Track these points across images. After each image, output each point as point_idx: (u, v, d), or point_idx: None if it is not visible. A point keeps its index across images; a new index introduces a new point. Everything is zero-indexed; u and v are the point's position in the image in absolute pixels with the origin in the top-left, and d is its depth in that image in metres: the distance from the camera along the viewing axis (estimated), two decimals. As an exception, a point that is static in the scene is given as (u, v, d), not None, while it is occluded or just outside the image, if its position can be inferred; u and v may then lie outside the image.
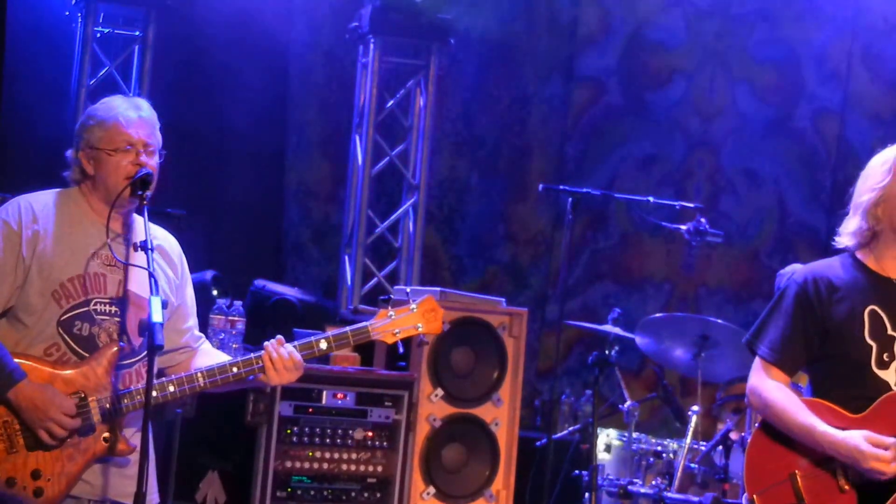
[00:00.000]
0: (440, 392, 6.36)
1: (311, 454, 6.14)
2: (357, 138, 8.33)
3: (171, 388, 4.22)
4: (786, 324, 4.39)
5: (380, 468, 6.26)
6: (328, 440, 6.18)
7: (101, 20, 7.87)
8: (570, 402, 8.58)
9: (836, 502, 4.28)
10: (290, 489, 6.11)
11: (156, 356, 4.02)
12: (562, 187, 7.16)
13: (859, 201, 4.40)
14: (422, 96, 8.35)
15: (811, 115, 9.48)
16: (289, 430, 6.10)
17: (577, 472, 7.26)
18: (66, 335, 4.16)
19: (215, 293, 6.94)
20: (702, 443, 7.17)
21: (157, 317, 3.97)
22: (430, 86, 8.31)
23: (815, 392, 4.42)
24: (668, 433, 8.03)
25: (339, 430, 6.20)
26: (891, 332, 4.34)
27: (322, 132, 9.02)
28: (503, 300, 6.68)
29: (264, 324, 7.07)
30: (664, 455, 7.26)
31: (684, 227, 7.14)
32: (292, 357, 4.28)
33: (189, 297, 4.49)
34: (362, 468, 6.24)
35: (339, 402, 6.20)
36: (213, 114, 8.31)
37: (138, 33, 7.94)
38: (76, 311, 4.18)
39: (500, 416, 6.48)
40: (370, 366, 6.49)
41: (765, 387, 4.38)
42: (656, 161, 9.51)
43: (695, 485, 7.11)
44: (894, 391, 4.29)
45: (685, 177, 9.48)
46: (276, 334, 4.36)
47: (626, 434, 7.34)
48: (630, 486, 7.09)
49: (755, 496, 4.33)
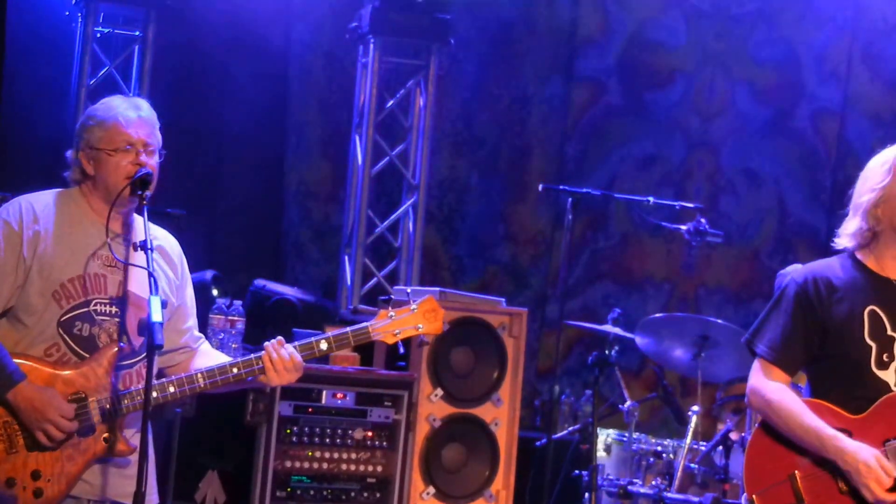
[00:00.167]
0: (440, 392, 6.36)
1: (310, 454, 6.14)
2: (357, 138, 8.33)
3: (171, 389, 4.22)
4: (786, 323, 4.38)
5: (379, 468, 6.26)
6: (328, 440, 6.17)
7: (101, 20, 7.87)
8: (569, 402, 8.58)
9: (835, 503, 4.28)
10: (289, 489, 6.11)
11: (155, 356, 4.02)
12: (562, 187, 7.16)
13: (859, 202, 4.39)
14: (422, 96, 8.35)
15: (811, 116, 9.48)
16: (288, 430, 6.10)
17: (576, 472, 7.26)
18: (66, 336, 4.16)
19: (215, 293, 6.94)
20: (702, 443, 7.16)
21: (157, 316, 3.97)
22: (430, 86, 8.31)
23: (813, 392, 4.42)
24: (668, 433, 8.03)
25: (339, 430, 6.19)
26: (890, 332, 4.33)
27: (322, 132, 9.01)
28: (503, 300, 6.68)
29: (264, 324, 7.07)
30: (664, 455, 7.26)
31: (684, 228, 7.14)
32: (293, 358, 4.27)
33: (189, 297, 4.49)
34: (362, 468, 6.23)
35: (339, 401, 6.20)
36: (213, 114, 8.31)
37: (138, 33, 7.94)
38: (76, 312, 4.18)
39: (500, 416, 6.48)
40: (370, 366, 6.48)
41: (766, 388, 4.37)
42: (656, 161, 9.50)
43: (695, 485, 7.11)
44: (894, 392, 4.29)
45: (685, 177, 9.48)
46: (276, 334, 4.36)
47: (626, 434, 7.34)
48: (630, 487, 7.09)
49: (755, 496, 4.33)
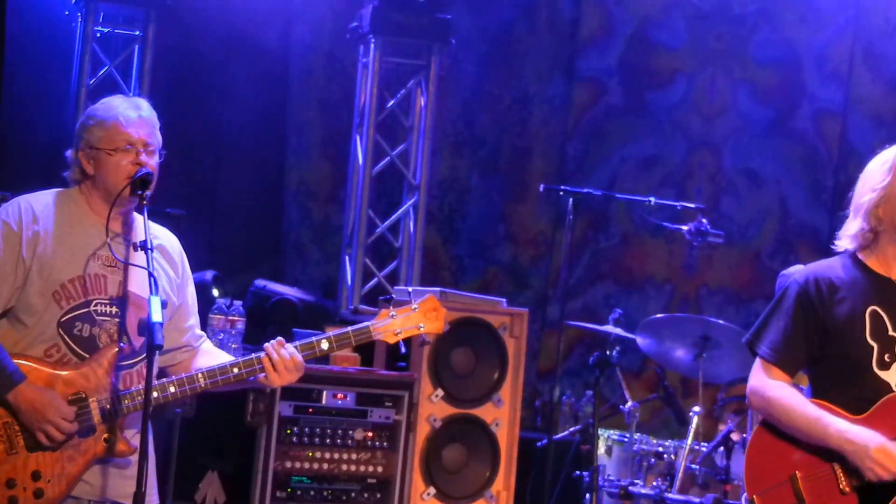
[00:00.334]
0: (440, 392, 6.36)
1: (310, 454, 6.13)
2: (357, 138, 8.33)
3: (172, 389, 4.21)
4: (787, 324, 4.38)
5: (380, 469, 6.25)
6: (328, 440, 6.17)
7: (101, 20, 7.87)
8: (570, 403, 8.57)
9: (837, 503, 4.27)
10: (289, 489, 6.10)
11: (156, 356, 4.01)
12: (563, 188, 7.16)
13: (860, 202, 4.39)
14: (422, 96, 8.34)
15: (812, 116, 9.47)
16: (289, 431, 6.09)
17: (577, 472, 7.25)
18: (66, 336, 4.16)
19: (216, 293, 6.93)
20: (703, 444, 7.15)
21: (157, 317, 3.96)
22: (431, 86, 8.30)
23: (814, 393, 4.41)
24: (669, 434, 8.02)
25: (340, 431, 6.19)
26: (892, 332, 4.33)
27: (322, 132, 9.01)
28: (504, 300, 6.67)
29: (265, 324, 7.07)
30: (665, 456, 7.25)
31: (685, 228, 7.13)
32: (293, 358, 4.27)
33: (190, 295, 4.48)
34: (362, 468, 6.23)
35: (340, 402, 6.19)
36: (213, 113, 8.30)
37: (138, 33, 7.93)
38: (76, 312, 4.17)
39: (501, 416, 6.47)
40: (370, 366, 6.48)
41: (767, 385, 4.37)
42: (657, 161, 9.49)
43: (696, 486, 7.10)
44: (895, 392, 4.29)
45: (686, 177, 9.47)
46: (277, 334, 4.36)
47: (627, 435, 7.33)
48: (631, 487, 7.08)
49: (755, 496, 4.33)
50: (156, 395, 4.15)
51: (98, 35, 7.84)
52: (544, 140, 9.49)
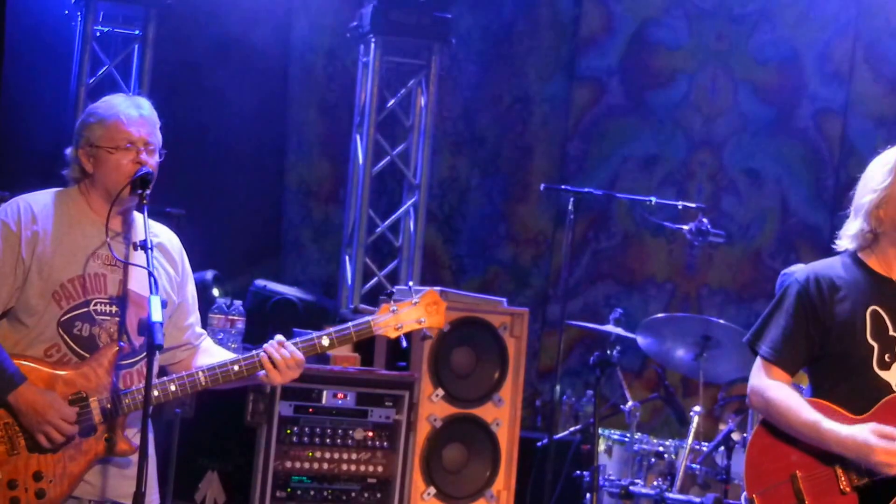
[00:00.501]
0: (441, 392, 6.35)
1: (311, 454, 6.13)
2: (358, 138, 8.32)
3: (173, 388, 4.21)
4: (787, 323, 4.37)
5: (380, 468, 6.25)
6: (328, 440, 6.16)
7: (101, 19, 7.86)
8: (571, 403, 8.56)
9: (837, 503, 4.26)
10: (289, 489, 6.10)
11: (155, 355, 4.01)
12: (563, 187, 7.16)
13: (860, 203, 4.38)
14: (423, 96, 8.34)
15: (813, 115, 9.46)
16: (289, 430, 6.09)
17: (578, 472, 7.24)
18: (66, 336, 4.15)
19: (216, 293, 6.93)
20: (703, 443, 7.15)
21: (157, 316, 3.95)
22: (431, 85, 8.30)
23: (815, 392, 4.41)
24: (669, 434, 8.02)
25: (340, 431, 6.18)
26: (892, 332, 4.32)
27: (323, 131, 9.00)
28: (504, 300, 6.67)
29: (265, 324, 7.06)
30: (666, 456, 7.25)
31: (686, 227, 7.13)
32: (294, 356, 4.26)
33: (190, 293, 4.47)
34: (362, 468, 6.22)
35: (340, 402, 6.19)
36: (213, 113, 8.29)
37: (138, 32, 7.92)
38: (76, 312, 4.16)
39: (501, 416, 6.47)
40: (371, 366, 6.47)
41: (766, 386, 4.36)
42: (658, 161, 9.49)
43: (696, 485, 7.10)
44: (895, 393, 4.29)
45: (687, 177, 9.47)
46: (277, 334, 4.34)
47: (628, 434, 7.33)
48: (631, 487, 7.07)
49: (755, 496, 4.32)
50: (156, 393, 4.15)
51: (97, 34, 7.83)
52: (545, 139, 9.48)
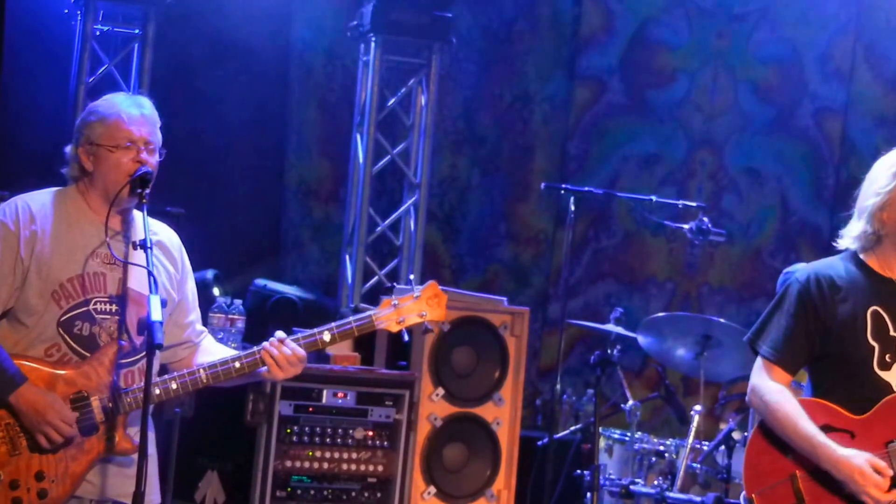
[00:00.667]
0: (441, 391, 6.35)
1: (311, 454, 6.12)
2: (358, 137, 8.31)
3: (174, 385, 4.20)
4: (788, 323, 4.37)
5: (380, 468, 6.24)
6: (328, 440, 6.16)
7: (101, 18, 7.84)
8: (571, 402, 8.56)
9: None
10: (289, 489, 6.09)
11: (156, 355, 4.00)
12: (564, 186, 7.15)
13: (864, 205, 4.37)
14: (423, 95, 8.33)
15: (814, 114, 9.47)
16: (289, 430, 6.08)
17: (578, 471, 7.24)
18: (66, 335, 4.14)
19: (216, 292, 6.92)
20: (704, 442, 7.14)
21: (157, 315, 3.95)
22: (432, 84, 8.29)
23: (815, 391, 4.40)
24: (670, 433, 8.02)
25: (340, 430, 6.18)
26: (893, 333, 4.32)
27: (323, 130, 8.99)
28: (505, 299, 6.66)
29: (265, 323, 7.05)
30: (666, 455, 7.25)
31: (687, 226, 7.13)
32: (295, 353, 4.25)
33: (190, 291, 4.46)
34: (363, 468, 6.22)
35: (340, 401, 6.18)
36: (213, 112, 8.28)
37: (138, 31, 7.91)
38: (76, 311, 4.15)
39: (502, 415, 6.46)
40: (371, 365, 6.47)
41: (766, 389, 4.35)
42: (659, 160, 9.48)
43: (697, 485, 7.09)
44: (896, 393, 4.28)
45: (687, 176, 9.47)
46: (277, 330, 4.34)
47: (628, 434, 7.32)
48: (632, 486, 7.07)
49: (754, 495, 4.31)
50: (157, 391, 4.15)
51: (97, 33, 7.81)
52: (545, 138, 9.48)
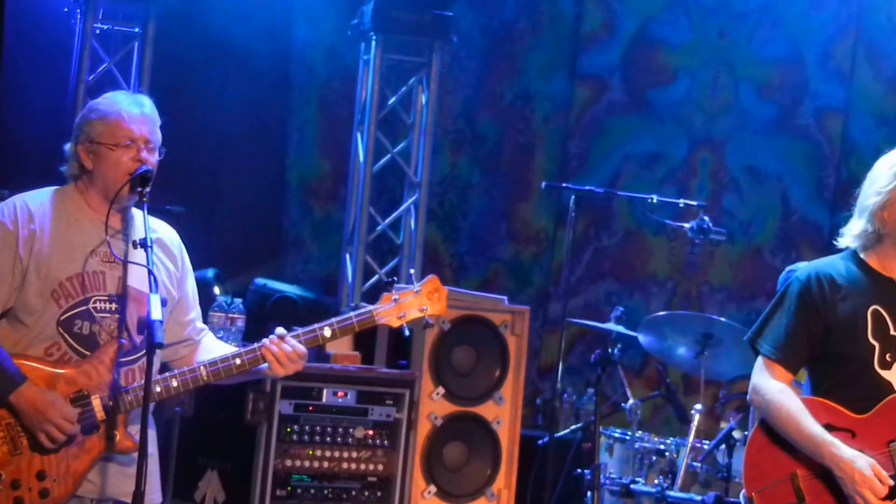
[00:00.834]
0: (441, 390, 6.34)
1: (311, 453, 6.12)
2: (358, 135, 8.30)
3: (175, 383, 4.20)
4: (789, 321, 4.37)
5: (380, 467, 6.24)
6: (328, 438, 6.15)
7: (101, 16, 7.82)
8: (572, 401, 8.56)
9: (838, 503, 4.25)
10: (290, 488, 6.09)
11: (156, 354, 4.00)
12: (564, 185, 7.16)
13: (865, 204, 4.37)
14: (423, 93, 8.32)
15: (815, 113, 9.46)
16: (289, 429, 6.08)
17: (579, 470, 7.24)
18: (66, 335, 4.14)
19: (217, 291, 6.91)
20: (704, 441, 7.14)
21: (157, 314, 3.94)
22: (432, 83, 8.28)
23: (815, 390, 4.40)
24: (670, 432, 8.02)
25: (340, 429, 6.17)
26: (893, 332, 4.32)
27: (323, 129, 8.99)
28: (505, 298, 6.66)
29: (265, 322, 7.04)
30: (667, 454, 7.24)
31: (687, 225, 7.12)
32: (295, 349, 4.25)
33: (190, 288, 4.46)
34: (363, 467, 6.21)
35: (340, 400, 6.18)
36: (214, 110, 8.27)
37: (138, 30, 7.89)
38: (76, 310, 4.16)
39: (502, 414, 6.46)
40: (371, 364, 6.46)
41: (768, 387, 4.35)
42: (659, 159, 9.48)
43: (697, 483, 7.09)
44: (897, 392, 4.28)
45: (688, 174, 9.46)
46: (278, 327, 4.33)
47: (629, 432, 7.32)
48: (632, 485, 7.06)
49: (754, 494, 4.31)
50: (158, 389, 4.15)
51: (97, 32, 7.80)
52: (546, 137, 9.47)
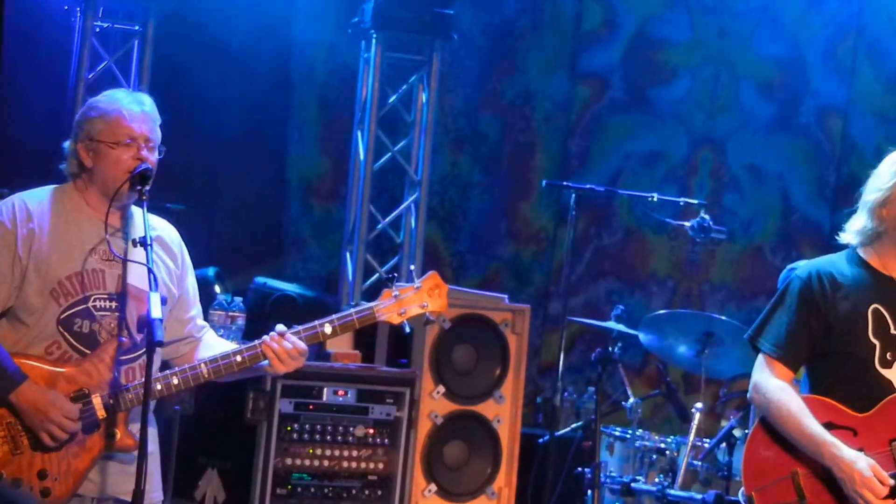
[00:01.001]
0: (442, 389, 6.34)
1: (311, 451, 6.11)
2: (359, 134, 8.30)
3: (175, 381, 4.20)
4: (790, 319, 4.37)
5: (381, 465, 6.23)
6: (329, 437, 6.15)
7: (101, 14, 7.82)
8: (572, 399, 8.55)
9: (838, 501, 4.25)
10: (290, 486, 6.08)
11: (156, 353, 3.99)
12: (565, 183, 7.16)
13: (867, 200, 4.39)
14: (424, 92, 8.31)
15: (815, 112, 9.47)
16: (289, 427, 6.07)
17: (579, 469, 7.23)
18: (66, 333, 4.14)
19: (217, 289, 6.91)
20: (705, 440, 7.14)
21: (157, 313, 3.94)
22: (433, 81, 8.27)
23: (814, 388, 4.40)
24: (671, 430, 8.01)
25: (340, 427, 6.17)
26: (894, 331, 4.32)
27: (323, 128, 8.98)
28: (505, 297, 6.65)
29: (265, 320, 7.04)
30: (667, 452, 7.24)
31: (688, 224, 7.11)
32: (296, 346, 4.24)
33: (191, 286, 4.46)
34: (363, 465, 6.21)
35: (340, 398, 6.18)
36: (214, 109, 8.27)
37: (138, 28, 7.89)
38: (75, 309, 4.16)
39: (503, 413, 6.45)
40: (371, 362, 6.46)
41: (768, 386, 4.35)
42: (660, 157, 9.48)
43: (698, 482, 7.09)
44: (897, 391, 4.28)
45: (689, 173, 9.46)
46: (278, 324, 4.33)
47: (629, 431, 7.32)
48: (633, 484, 7.07)
49: (754, 493, 4.31)
50: (159, 387, 4.15)
51: (97, 30, 7.80)
52: (546, 136, 9.47)
